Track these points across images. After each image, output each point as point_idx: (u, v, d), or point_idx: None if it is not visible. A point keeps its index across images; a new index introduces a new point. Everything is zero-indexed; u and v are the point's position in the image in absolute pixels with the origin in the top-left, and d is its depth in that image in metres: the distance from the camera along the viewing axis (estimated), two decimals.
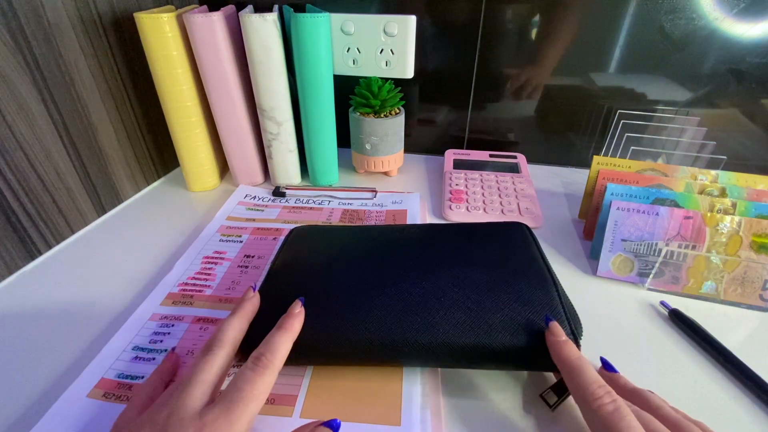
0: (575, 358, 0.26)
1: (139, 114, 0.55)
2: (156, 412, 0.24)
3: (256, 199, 0.54)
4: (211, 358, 0.26)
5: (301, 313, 0.30)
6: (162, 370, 0.30)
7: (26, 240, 0.42)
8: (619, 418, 0.22)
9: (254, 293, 0.32)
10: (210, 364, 0.25)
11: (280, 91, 0.50)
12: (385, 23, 0.48)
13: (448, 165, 0.61)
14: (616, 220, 0.40)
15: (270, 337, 0.28)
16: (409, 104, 0.64)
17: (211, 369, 0.25)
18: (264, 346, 0.27)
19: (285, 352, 0.27)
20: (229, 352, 0.27)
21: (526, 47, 0.58)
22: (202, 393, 0.24)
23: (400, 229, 0.40)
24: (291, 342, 0.28)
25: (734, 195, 0.42)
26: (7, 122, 0.39)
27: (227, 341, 0.27)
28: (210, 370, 0.25)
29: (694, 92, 0.56)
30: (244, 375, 0.25)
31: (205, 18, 0.46)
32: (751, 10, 0.50)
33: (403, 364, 0.31)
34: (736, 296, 0.37)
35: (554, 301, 0.30)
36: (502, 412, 0.29)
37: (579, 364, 0.26)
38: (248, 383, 0.25)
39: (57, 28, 0.43)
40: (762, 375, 0.30)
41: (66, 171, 0.45)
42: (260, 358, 0.26)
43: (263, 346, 0.27)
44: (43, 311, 0.37)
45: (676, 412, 0.25)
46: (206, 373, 0.25)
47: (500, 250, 0.35)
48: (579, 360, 0.26)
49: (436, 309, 0.30)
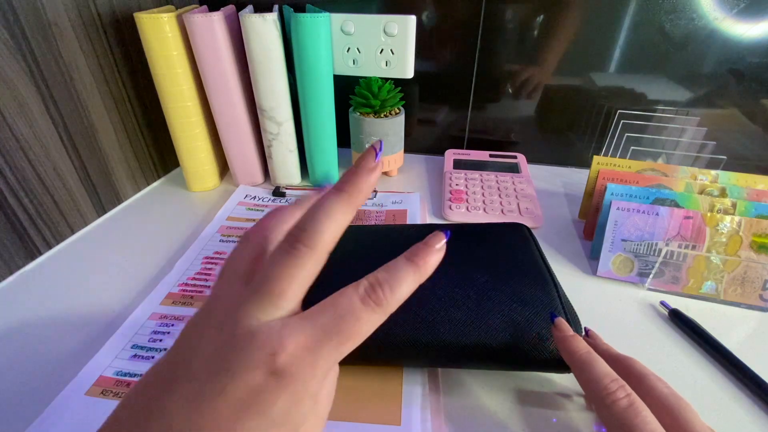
0: (584, 353, 0.25)
1: (139, 114, 0.55)
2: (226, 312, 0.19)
3: (256, 200, 0.54)
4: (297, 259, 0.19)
5: (442, 251, 0.22)
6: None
7: (26, 240, 0.42)
8: (634, 414, 0.21)
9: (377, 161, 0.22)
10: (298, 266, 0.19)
11: (280, 91, 0.50)
12: (385, 23, 0.48)
13: (448, 165, 0.61)
14: (616, 220, 0.40)
15: (392, 268, 0.20)
16: (409, 104, 0.64)
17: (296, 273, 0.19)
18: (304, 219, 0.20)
19: (406, 293, 0.20)
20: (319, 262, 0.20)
21: (527, 47, 0.58)
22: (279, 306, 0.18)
23: (400, 229, 0.40)
24: (416, 285, 0.21)
25: (734, 195, 0.42)
26: (7, 122, 0.39)
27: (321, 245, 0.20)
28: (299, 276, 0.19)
29: (694, 92, 0.56)
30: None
31: (205, 18, 0.46)
32: (751, 10, 0.50)
33: (403, 363, 0.31)
34: (736, 296, 0.37)
35: (554, 301, 0.30)
36: (502, 412, 0.29)
37: (589, 358, 0.25)
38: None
39: (57, 28, 0.43)
40: (762, 375, 0.30)
41: (66, 171, 0.45)
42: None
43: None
44: (42, 311, 0.37)
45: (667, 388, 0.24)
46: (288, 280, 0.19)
47: (500, 251, 0.35)
48: (588, 354, 0.25)
49: (436, 309, 0.30)
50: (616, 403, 0.22)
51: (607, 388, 0.23)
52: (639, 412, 0.21)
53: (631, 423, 0.21)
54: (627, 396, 0.22)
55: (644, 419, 0.21)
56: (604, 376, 0.24)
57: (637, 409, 0.22)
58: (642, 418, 0.21)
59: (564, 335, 0.27)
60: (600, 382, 0.23)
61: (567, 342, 0.26)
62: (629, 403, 0.22)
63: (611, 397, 0.22)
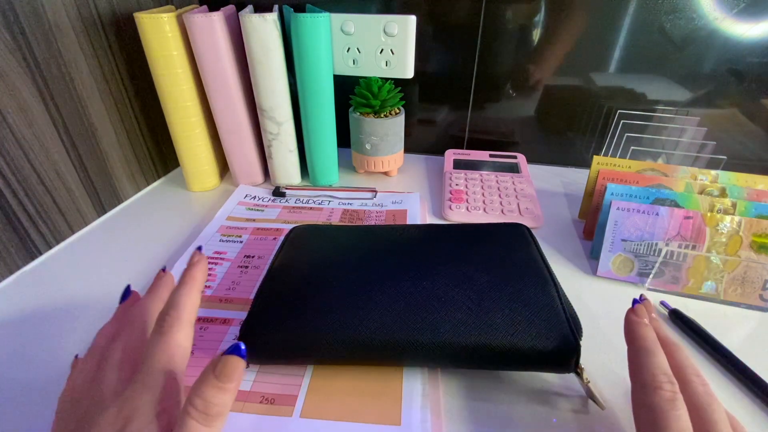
0: (651, 341, 0.26)
1: (139, 114, 0.55)
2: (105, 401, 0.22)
3: (256, 199, 0.54)
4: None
5: (201, 261, 0.28)
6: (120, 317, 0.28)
7: (26, 240, 0.42)
8: (672, 407, 0.22)
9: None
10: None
11: (280, 91, 0.50)
12: (385, 23, 0.48)
13: (448, 165, 0.61)
14: (616, 220, 0.40)
15: (172, 295, 0.25)
16: (409, 104, 0.64)
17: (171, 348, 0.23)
18: (167, 305, 0.25)
19: (192, 306, 0.25)
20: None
21: (527, 47, 0.58)
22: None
23: (400, 229, 0.40)
24: (197, 293, 0.26)
25: (734, 195, 0.42)
26: (7, 122, 0.39)
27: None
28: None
29: (694, 92, 0.56)
30: (152, 341, 0.23)
31: (205, 18, 0.46)
32: (751, 10, 0.50)
33: (403, 364, 0.31)
34: (736, 296, 0.37)
35: (554, 302, 0.30)
36: (502, 412, 0.29)
37: (654, 348, 0.25)
38: (158, 346, 0.23)
39: (57, 28, 0.43)
40: (762, 375, 0.30)
41: (66, 171, 0.45)
42: (164, 319, 0.24)
43: (166, 305, 0.25)
44: (42, 311, 0.37)
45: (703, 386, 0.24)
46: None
47: (500, 251, 0.35)
48: (654, 344, 0.26)
49: (436, 309, 0.30)
50: (660, 392, 0.23)
51: (659, 379, 0.23)
52: (678, 407, 0.22)
53: (667, 414, 0.22)
54: (673, 392, 0.23)
55: (678, 415, 0.22)
56: (662, 371, 0.24)
57: (677, 404, 0.22)
58: (678, 413, 0.22)
59: (639, 320, 0.27)
60: (654, 373, 0.24)
61: (639, 326, 0.27)
62: (673, 396, 0.23)
63: (659, 388, 0.23)
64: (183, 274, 0.27)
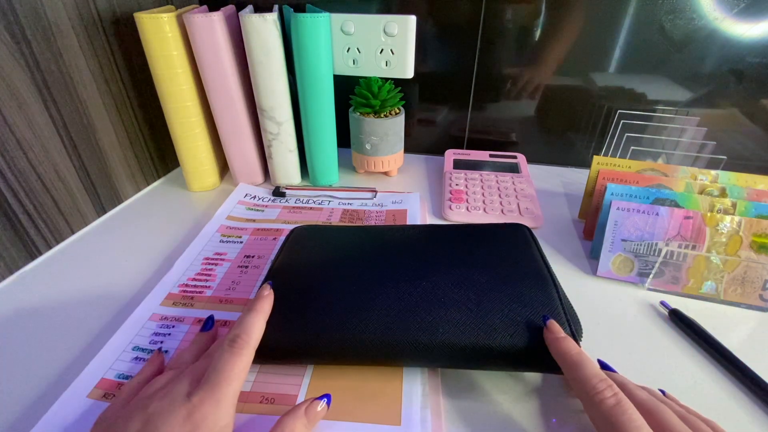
0: (575, 353, 0.26)
1: (139, 114, 0.55)
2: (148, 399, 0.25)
3: (256, 199, 0.54)
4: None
5: (271, 295, 0.31)
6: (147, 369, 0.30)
7: (26, 240, 0.42)
8: (620, 412, 0.22)
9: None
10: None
11: (280, 91, 0.50)
12: (385, 23, 0.48)
13: (448, 165, 0.61)
14: (616, 220, 0.40)
15: (243, 318, 0.28)
16: (409, 104, 0.64)
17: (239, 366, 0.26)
18: (238, 327, 0.28)
19: (259, 332, 0.28)
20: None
21: (527, 47, 0.58)
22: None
23: (400, 229, 0.40)
24: (263, 322, 0.29)
25: (734, 195, 0.42)
26: (7, 122, 0.39)
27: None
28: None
29: (694, 92, 0.56)
30: (223, 357, 0.26)
31: (205, 18, 0.46)
32: (751, 10, 0.50)
33: (403, 364, 0.31)
34: (736, 296, 0.37)
35: (554, 302, 0.30)
36: (502, 412, 0.29)
37: (579, 359, 0.26)
38: (228, 364, 0.25)
39: (57, 28, 0.43)
40: (762, 375, 0.30)
41: (66, 171, 0.45)
42: (236, 340, 0.27)
43: (237, 327, 0.28)
44: (42, 311, 0.37)
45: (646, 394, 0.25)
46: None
47: (500, 251, 0.35)
48: (579, 355, 0.26)
49: (436, 309, 0.30)
50: (603, 402, 0.23)
51: (596, 387, 0.24)
52: (625, 410, 0.22)
53: (617, 420, 0.22)
54: (614, 395, 0.23)
55: (630, 417, 0.22)
56: (593, 375, 0.25)
57: (624, 407, 0.22)
58: (628, 416, 0.22)
59: (555, 336, 0.27)
60: (589, 382, 0.24)
61: (558, 343, 0.27)
62: (616, 401, 0.23)
63: (599, 396, 0.23)
64: (253, 302, 0.30)
